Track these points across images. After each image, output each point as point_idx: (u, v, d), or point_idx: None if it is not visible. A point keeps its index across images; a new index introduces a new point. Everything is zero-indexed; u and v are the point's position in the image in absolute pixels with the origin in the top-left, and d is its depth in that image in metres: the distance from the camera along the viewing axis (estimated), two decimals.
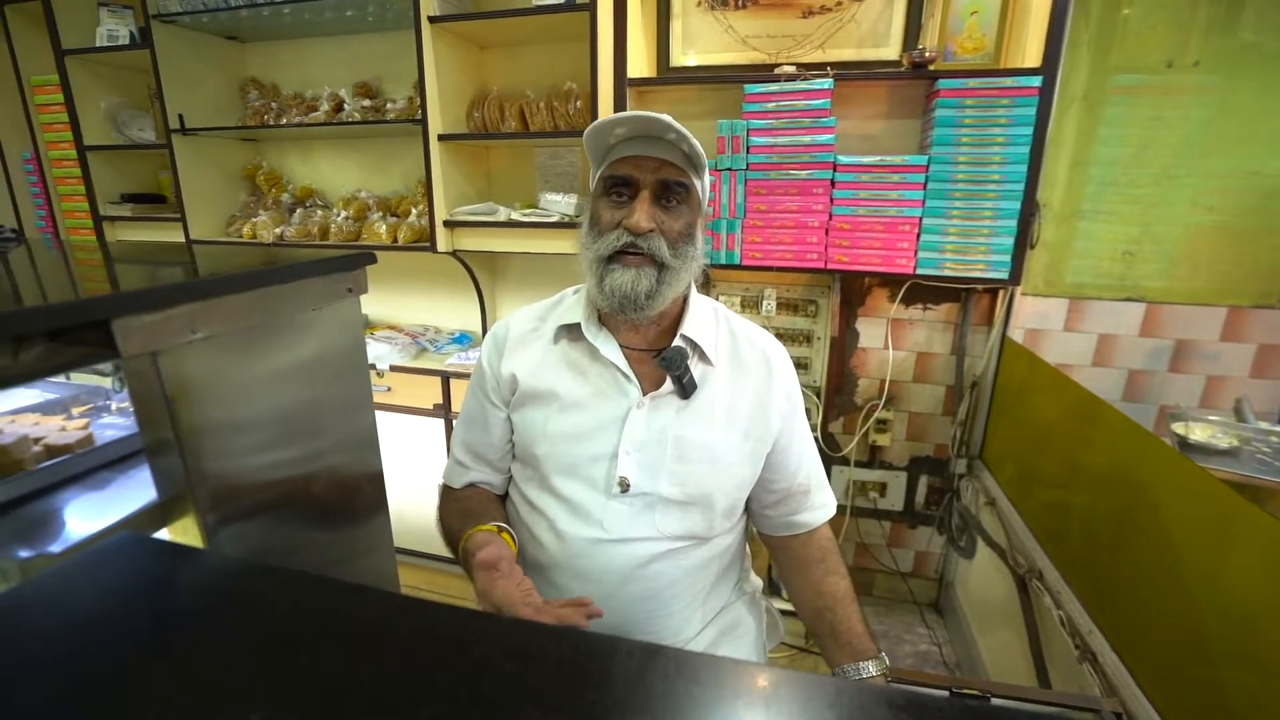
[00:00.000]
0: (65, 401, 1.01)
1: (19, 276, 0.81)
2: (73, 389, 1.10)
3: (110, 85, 2.60)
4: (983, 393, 2.11)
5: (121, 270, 0.85)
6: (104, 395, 1.03)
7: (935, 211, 1.84)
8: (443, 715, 0.36)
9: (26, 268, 0.86)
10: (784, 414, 1.02)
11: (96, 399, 1.03)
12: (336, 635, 0.44)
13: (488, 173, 2.37)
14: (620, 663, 0.40)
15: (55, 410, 0.96)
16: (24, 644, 0.43)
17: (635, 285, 0.90)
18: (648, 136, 0.91)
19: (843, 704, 0.40)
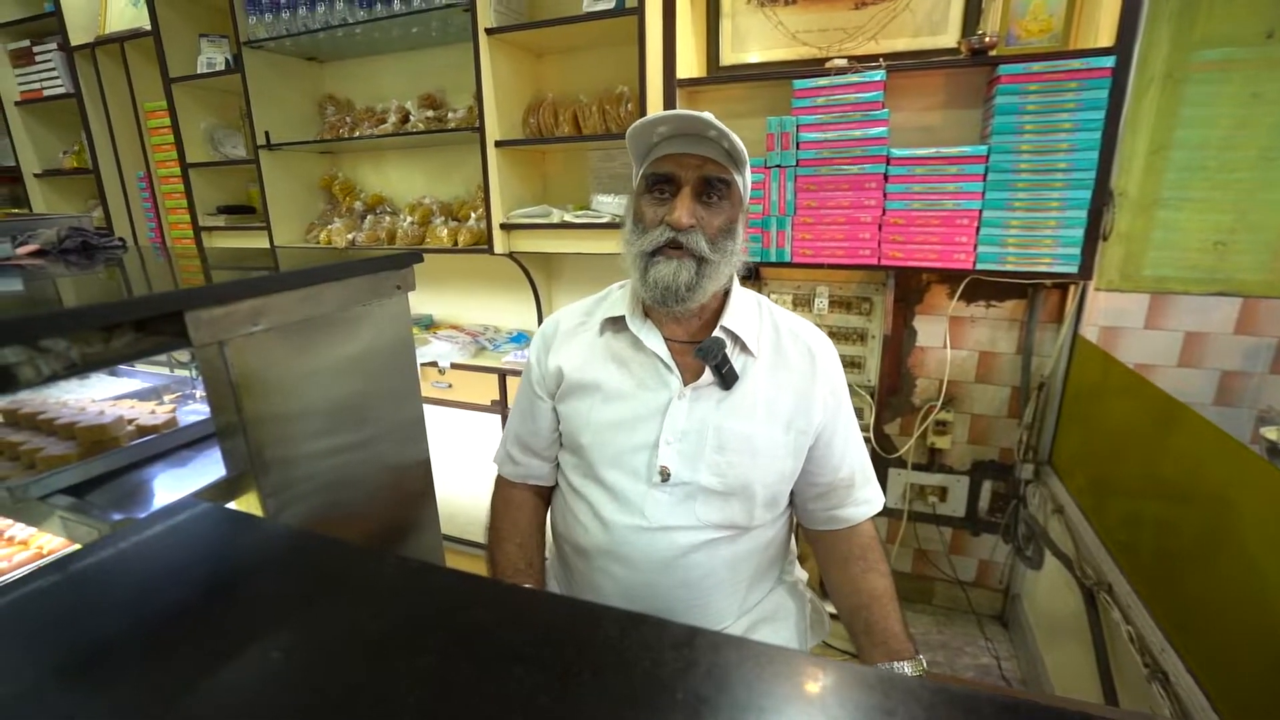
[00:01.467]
0: (159, 389, 1.13)
1: (119, 278, 0.91)
2: (166, 379, 1.22)
3: (208, 107, 2.86)
4: (1052, 394, 2.00)
5: (203, 271, 0.95)
6: (189, 385, 1.14)
7: (996, 204, 1.76)
8: (435, 665, 0.40)
9: (130, 270, 0.97)
10: (828, 407, 1.02)
11: (184, 388, 1.14)
12: (357, 592, 0.48)
13: (544, 176, 2.44)
14: (604, 629, 0.42)
15: (149, 397, 1.08)
16: (125, 592, 0.50)
17: (676, 277, 0.93)
18: (689, 134, 0.93)
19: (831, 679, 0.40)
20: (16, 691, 0.40)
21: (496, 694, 0.38)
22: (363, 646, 0.41)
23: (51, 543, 1.02)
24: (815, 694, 0.40)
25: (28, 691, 0.40)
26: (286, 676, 0.41)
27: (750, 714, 0.38)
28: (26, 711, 0.39)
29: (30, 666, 0.43)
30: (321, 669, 0.41)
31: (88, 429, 0.84)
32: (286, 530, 0.65)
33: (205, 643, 0.44)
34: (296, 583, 0.50)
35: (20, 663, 0.43)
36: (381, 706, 0.38)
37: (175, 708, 0.38)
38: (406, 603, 0.46)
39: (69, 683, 0.41)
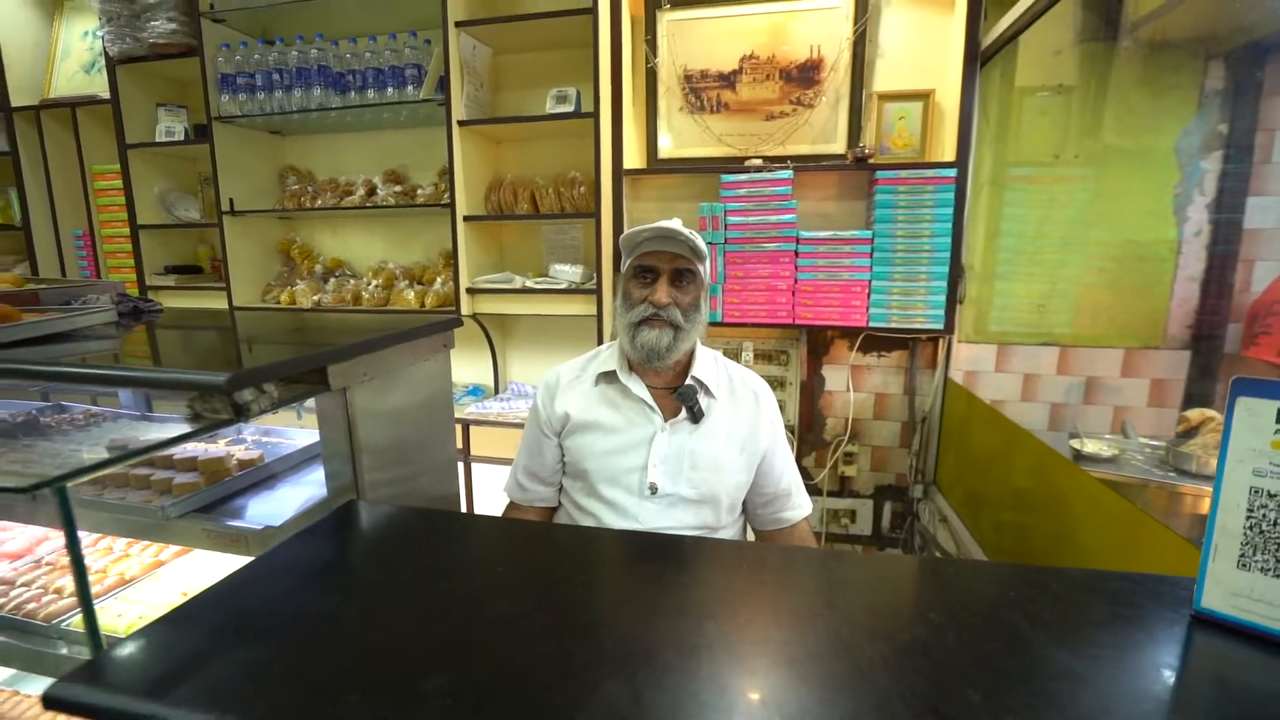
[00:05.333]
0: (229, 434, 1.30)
1: (224, 341, 1.11)
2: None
3: (162, 172, 2.94)
4: (932, 426, 2.47)
5: (287, 336, 1.16)
6: (238, 430, 1.31)
7: (881, 275, 2.24)
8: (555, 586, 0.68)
9: (224, 334, 1.17)
10: (769, 434, 1.36)
11: (232, 431, 1.31)
12: (483, 544, 0.75)
13: (501, 246, 2.73)
14: (682, 546, 0.72)
15: (207, 439, 1.24)
16: (315, 560, 0.74)
17: (658, 341, 1.25)
18: (664, 237, 1.27)
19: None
20: (309, 602, 0.63)
21: (597, 591, 0.66)
22: (498, 579, 0.68)
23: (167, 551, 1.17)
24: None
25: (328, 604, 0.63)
26: (452, 599, 0.66)
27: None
28: (329, 615, 0.62)
29: (318, 585, 0.66)
30: (476, 594, 0.67)
31: (207, 462, 1.02)
32: (420, 511, 0.89)
33: (394, 570, 0.69)
34: (446, 540, 0.75)
35: (312, 584, 0.66)
36: (526, 616, 0.65)
37: (396, 606, 0.63)
38: (518, 549, 0.72)
39: (340, 592, 0.65)
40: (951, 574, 0.75)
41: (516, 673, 0.53)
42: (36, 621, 1.00)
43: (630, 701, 0.48)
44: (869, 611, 0.64)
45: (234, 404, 0.77)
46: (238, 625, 0.60)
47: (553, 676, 0.52)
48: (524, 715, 0.48)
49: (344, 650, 0.56)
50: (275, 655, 0.55)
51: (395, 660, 0.54)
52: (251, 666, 0.54)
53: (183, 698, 0.49)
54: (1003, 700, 0.49)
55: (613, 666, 0.53)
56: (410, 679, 0.51)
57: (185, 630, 0.59)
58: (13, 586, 1.10)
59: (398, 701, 0.48)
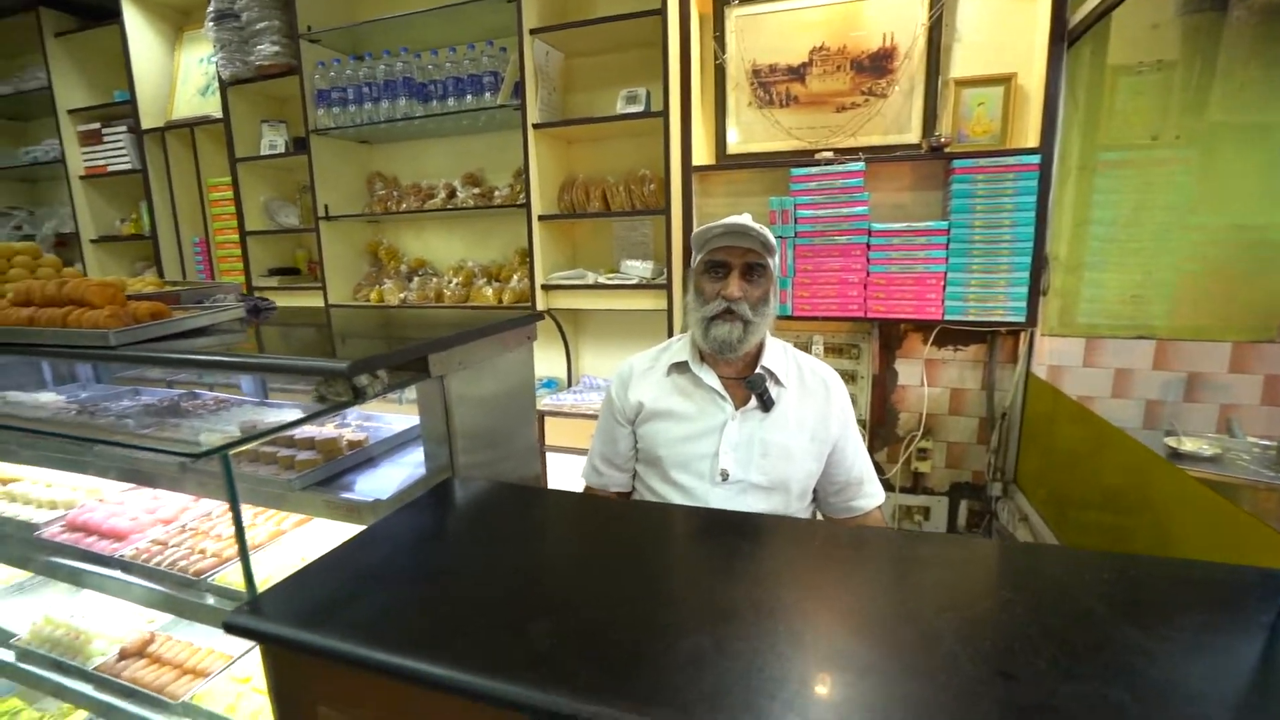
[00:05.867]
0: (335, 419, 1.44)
1: (337, 334, 1.24)
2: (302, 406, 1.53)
3: (266, 182, 3.21)
4: (1012, 423, 2.38)
5: (389, 329, 1.28)
6: (343, 416, 1.45)
7: (958, 267, 2.18)
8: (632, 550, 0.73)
9: (336, 328, 1.30)
10: (840, 422, 1.37)
11: (335, 416, 1.45)
12: (576, 511, 0.81)
13: (573, 243, 2.83)
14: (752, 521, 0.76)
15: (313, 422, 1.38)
16: (424, 525, 0.82)
17: (730, 334, 1.28)
18: (736, 233, 1.31)
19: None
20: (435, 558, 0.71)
21: (679, 559, 0.71)
22: (589, 546, 0.75)
23: (287, 521, 1.33)
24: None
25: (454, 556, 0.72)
26: (549, 561, 0.72)
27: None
28: (444, 570, 0.70)
29: (430, 546, 0.74)
30: (570, 557, 0.73)
31: (322, 442, 1.14)
32: (513, 486, 0.97)
33: (495, 535, 0.76)
34: (539, 512, 0.82)
35: (425, 546, 0.75)
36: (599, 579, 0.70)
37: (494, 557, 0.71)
38: (605, 522, 0.79)
39: (451, 552, 0.73)
40: (1024, 556, 0.75)
41: (610, 623, 0.58)
42: (188, 576, 1.16)
43: (713, 650, 0.53)
44: (940, 586, 0.66)
45: (353, 387, 0.86)
46: (365, 576, 0.69)
47: (643, 628, 0.57)
48: (620, 656, 0.53)
49: (460, 598, 0.64)
50: (401, 600, 0.63)
51: (505, 608, 0.61)
52: (382, 608, 0.62)
53: (331, 627, 0.57)
54: (1069, 667, 0.51)
55: (696, 622, 0.57)
56: (520, 624, 0.57)
57: (322, 580, 0.69)
58: (166, 547, 1.26)
59: (512, 640, 0.55)
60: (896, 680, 0.51)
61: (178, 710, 1.16)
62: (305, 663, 0.60)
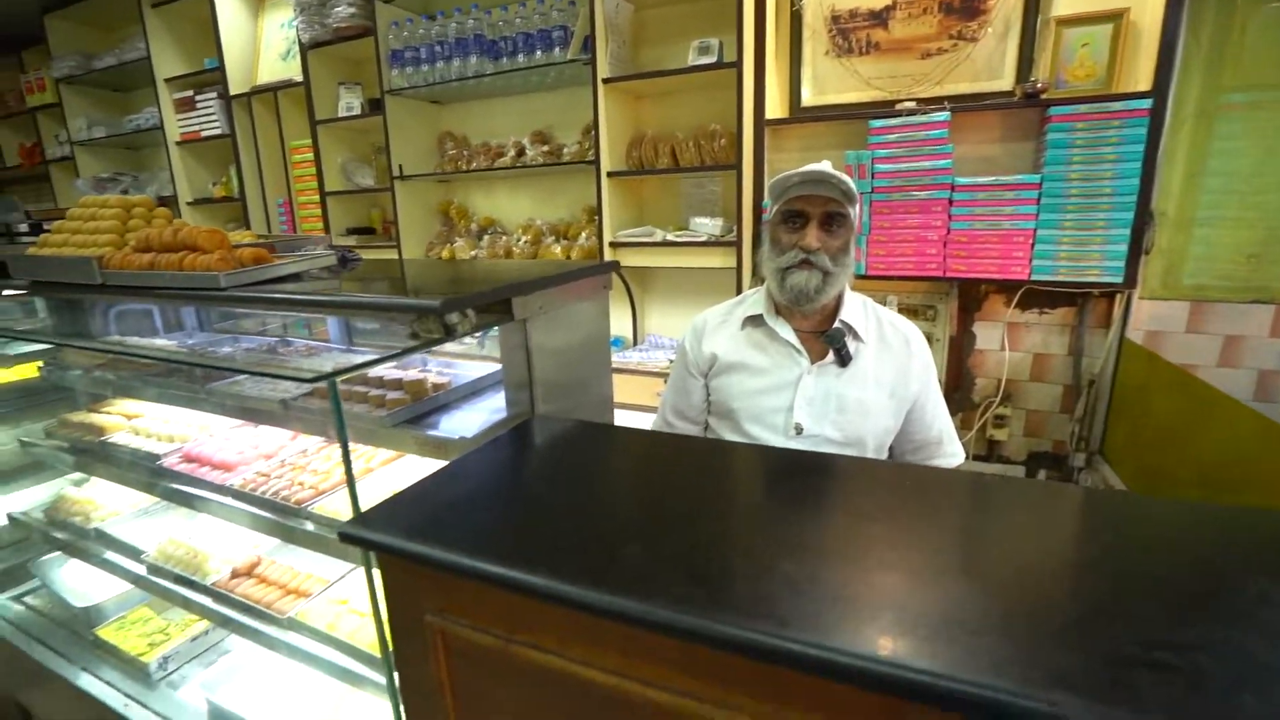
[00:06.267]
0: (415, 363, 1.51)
1: (425, 279, 1.29)
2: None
3: (342, 144, 3.32)
4: (1101, 391, 2.25)
5: (471, 277, 1.32)
6: (423, 361, 1.52)
7: (1049, 223, 2.04)
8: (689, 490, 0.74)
9: (416, 275, 1.35)
10: (920, 380, 1.33)
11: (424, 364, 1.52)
12: (646, 451, 0.83)
13: (640, 201, 2.81)
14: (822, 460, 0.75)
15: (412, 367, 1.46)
16: (512, 458, 0.85)
17: (807, 284, 1.26)
18: (815, 181, 1.27)
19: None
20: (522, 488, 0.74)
21: (765, 493, 0.71)
22: (673, 480, 0.76)
23: (375, 460, 1.42)
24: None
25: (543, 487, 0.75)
26: (636, 492, 0.74)
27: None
28: (534, 498, 0.73)
29: (520, 476, 0.78)
30: (657, 489, 0.75)
31: (410, 383, 1.21)
32: (596, 425, 1.00)
33: (581, 468, 0.79)
34: (623, 448, 0.85)
35: (515, 475, 0.78)
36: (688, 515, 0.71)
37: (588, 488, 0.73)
38: (689, 458, 0.80)
39: (541, 482, 0.76)
40: (1129, 505, 0.72)
41: (700, 549, 0.60)
42: (291, 505, 1.25)
43: (804, 576, 0.53)
44: (1039, 528, 0.64)
45: (445, 325, 0.90)
46: (461, 500, 0.73)
47: (733, 554, 0.58)
48: (714, 576, 0.54)
49: (553, 522, 0.66)
50: (497, 521, 0.67)
51: (597, 532, 0.63)
52: (481, 526, 0.65)
53: (437, 540, 0.61)
54: (1185, 612, 0.48)
55: (785, 550, 0.58)
56: (611, 547, 0.60)
57: (421, 503, 0.73)
58: (269, 479, 1.37)
59: (605, 561, 0.57)
60: (994, 616, 0.50)
61: (284, 624, 1.27)
62: (414, 572, 0.64)
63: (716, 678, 0.50)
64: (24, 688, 1.80)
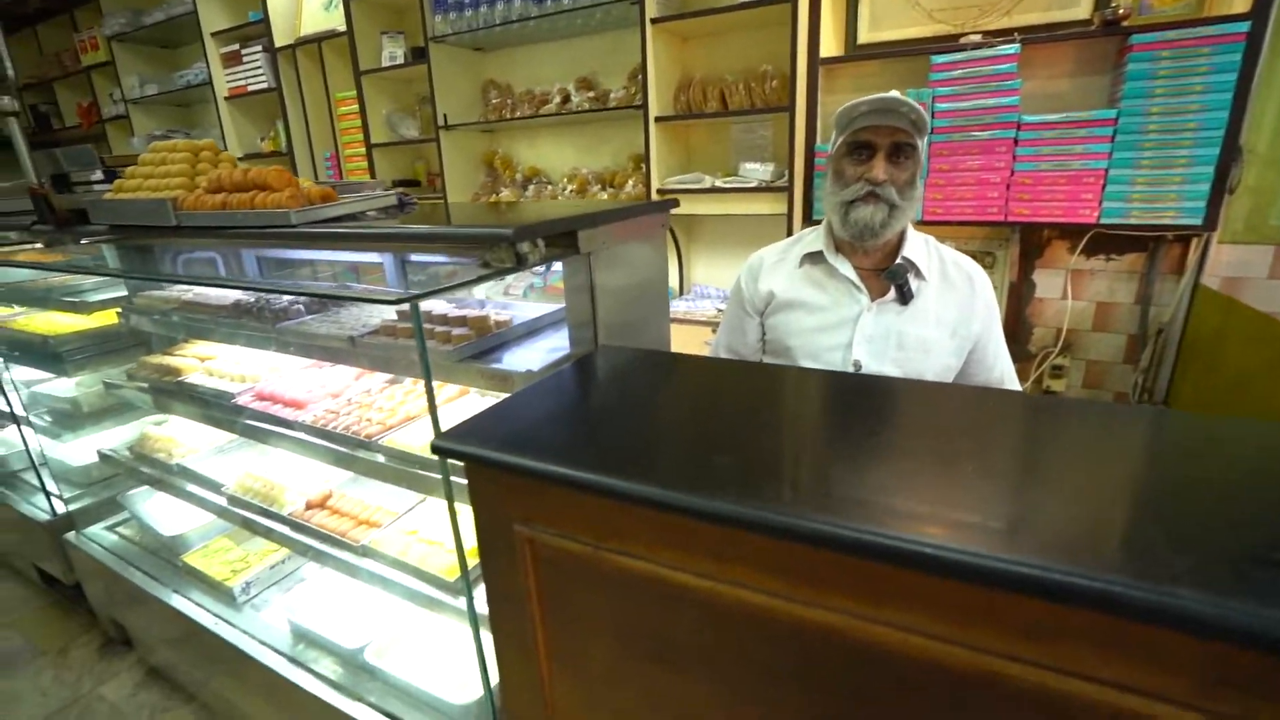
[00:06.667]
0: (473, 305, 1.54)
1: (489, 214, 1.30)
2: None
3: (386, 95, 3.32)
4: (1169, 340, 2.15)
5: (532, 212, 1.32)
6: (480, 304, 1.54)
7: (1123, 162, 1.93)
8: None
9: (479, 213, 1.36)
10: (983, 320, 1.30)
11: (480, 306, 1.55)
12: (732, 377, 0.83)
13: (687, 147, 2.75)
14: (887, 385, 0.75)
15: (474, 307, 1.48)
16: (590, 382, 0.87)
17: (872, 218, 1.22)
18: (884, 110, 1.22)
19: None
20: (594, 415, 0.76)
21: (843, 412, 0.71)
22: (752, 400, 0.76)
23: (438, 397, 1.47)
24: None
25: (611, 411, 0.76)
26: (721, 408, 0.75)
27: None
28: (620, 412, 0.75)
29: (601, 396, 0.79)
30: (739, 405, 0.75)
31: (474, 319, 1.23)
32: (665, 353, 1.02)
33: (659, 390, 0.80)
34: (697, 373, 0.85)
35: (596, 396, 0.80)
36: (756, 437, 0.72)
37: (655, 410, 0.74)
38: (764, 381, 0.80)
39: (623, 400, 0.77)
40: (1213, 426, 0.69)
41: (790, 459, 0.61)
42: (361, 438, 1.31)
43: (902, 485, 0.53)
44: (1130, 447, 0.63)
45: (516, 253, 0.91)
46: (541, 420, 0.74)
47: (824, 462, 0.59)
48: (805, 484, 0.55)
49: (637, 436, 0.68)
50: (581, 437, 0.69)
51: (683, 444, 0.65)
52: (564, 441, 0.67)
53: (523, 451, 0.63)
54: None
55: (878, 459, 0.58)
56: (704, 455, 0.61)
57: (502, 421, 0.75)
58: (338, 415, 1.43)
59: (699, 468, 0.58)
60: (1099, 523, 0.49)
61: (358, 551, 1.34)
62: (503, 482, 0.67)
63: (811, 578, 0.52)
64: (121, 608, 1.96)
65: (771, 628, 0.56)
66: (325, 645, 1.45)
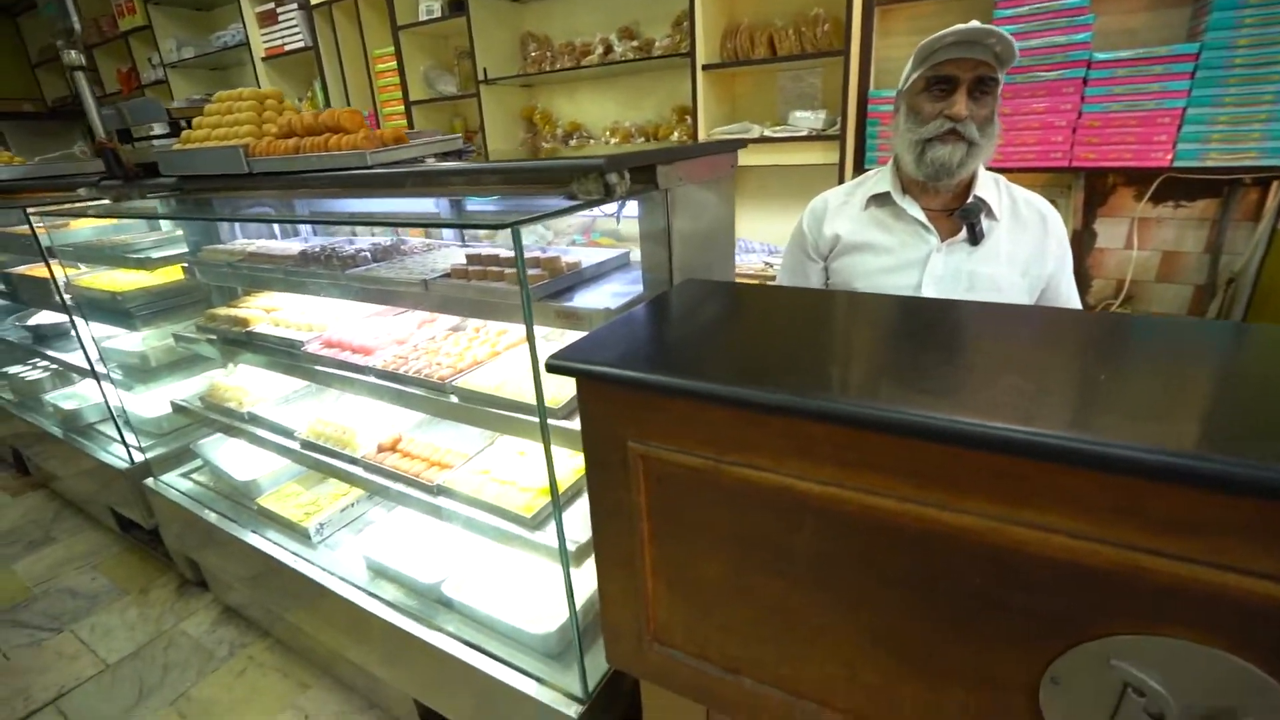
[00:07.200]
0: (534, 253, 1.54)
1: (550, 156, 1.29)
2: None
3: (424, 51, 3.29)
4: (1240, 291, 2.08)
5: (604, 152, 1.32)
6: (542, 250, 1.55)
7: (1203, 100, 1.84)
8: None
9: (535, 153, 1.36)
10: (1057, 259, 1.27)
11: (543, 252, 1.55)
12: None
13: (733, 97, 2.69)
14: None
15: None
16: (678, 312, 0.87)
17: (951, 157, 1.19)
18: (969, 42, 1.17)
19: None
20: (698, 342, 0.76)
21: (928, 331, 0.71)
22: (842, 322, 0.76)
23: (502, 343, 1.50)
24: None
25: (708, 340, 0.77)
26: (811, 330, 0.75)
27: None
28: (707, 338, 0.75)
29: (689, 323, 0.80)
30: (834, 327, 0.75)
31: (547, 260, 1.24)
32: (740, 285, 1.01)
33: (743, 316, 0.80)
34: (774, 302, 0.86)
35: (684, 323, 0.80)
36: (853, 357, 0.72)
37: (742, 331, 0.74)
38: (841, 307, 0.80)
39: (708, 326, 0.78)
40: None
41: (915, 368, 0.61)
42: (434, 381, 1.34)
43: (1033, 389, 0.53)
44: (1265, 354, 0.62)
45: (605, 184, 0.90)
46: (648, 340, 0.75)
47: (951, 370, 0.59)
48: (936, 390, 0.55)
49: (755, 354, 0.69)
50: (692, 355, 0.70)
51: (804, 358, 0.65)
52: (677, 359, 0.68)
53: (644, 367, 0.64)
54: None
55: (1006, 368, 0.58)
56: (819, 368, 0.61)
57: (607, 345, 0.76)
58: (406, 361, 1.46)
59: (818, 379, 0.59)
60: (1226, 421, 0.49)
61: (432, 490, 1.39)
62: (618, 400, 0.68)
63: (946, 480, 0.52)
64: (199, 549, 2.06)
65: (897, 534, 0.56)
66: (402, 580, 1.51)
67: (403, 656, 1.46)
